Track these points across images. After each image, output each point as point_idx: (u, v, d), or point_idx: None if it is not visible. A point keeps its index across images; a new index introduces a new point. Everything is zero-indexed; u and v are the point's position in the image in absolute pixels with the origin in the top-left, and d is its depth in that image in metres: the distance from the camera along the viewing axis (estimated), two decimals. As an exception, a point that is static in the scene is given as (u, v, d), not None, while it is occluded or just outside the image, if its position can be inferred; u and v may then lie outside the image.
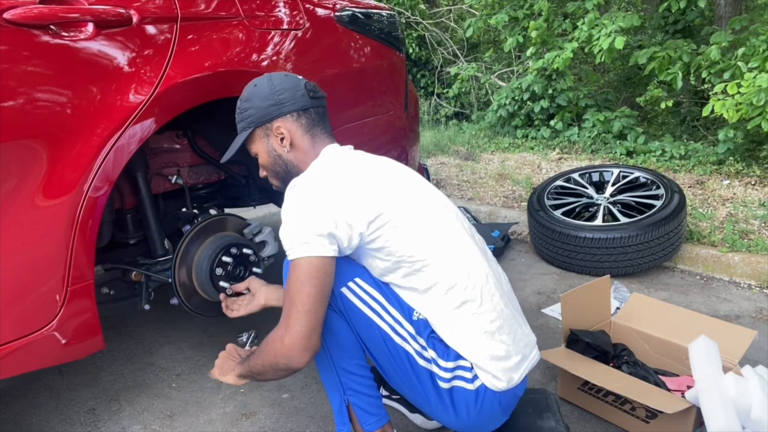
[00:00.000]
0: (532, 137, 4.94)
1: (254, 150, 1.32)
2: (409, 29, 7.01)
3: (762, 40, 3.31)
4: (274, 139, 1.27)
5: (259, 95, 1.26)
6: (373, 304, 1.18)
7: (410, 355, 1.16)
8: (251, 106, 1.27)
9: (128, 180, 1.60)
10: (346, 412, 1.23)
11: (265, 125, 1.27)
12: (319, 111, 1.30)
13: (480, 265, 1.21)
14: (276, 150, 1.28)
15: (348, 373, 1.21)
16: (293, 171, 1.28)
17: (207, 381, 1.78)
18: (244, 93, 1.30)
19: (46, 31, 1.17)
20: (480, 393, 1.16)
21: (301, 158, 1.28)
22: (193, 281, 1.61)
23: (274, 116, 1.26)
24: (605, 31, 4.02)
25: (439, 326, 1.17)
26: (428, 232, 1.17)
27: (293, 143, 1.27)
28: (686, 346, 1.49)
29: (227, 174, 1.94)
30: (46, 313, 1.23)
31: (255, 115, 1.27)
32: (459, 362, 1.16)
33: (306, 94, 1.27)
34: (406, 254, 1.14)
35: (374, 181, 1.18)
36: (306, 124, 1.27)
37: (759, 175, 3.28)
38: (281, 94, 1.26)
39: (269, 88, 1.26)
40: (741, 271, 2.46)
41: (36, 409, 1.66)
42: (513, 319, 1.22)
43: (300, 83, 1.28)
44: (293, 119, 1.27)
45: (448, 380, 1.16)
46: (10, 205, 1.14)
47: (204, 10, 1.46)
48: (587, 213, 2.76)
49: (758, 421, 1.24)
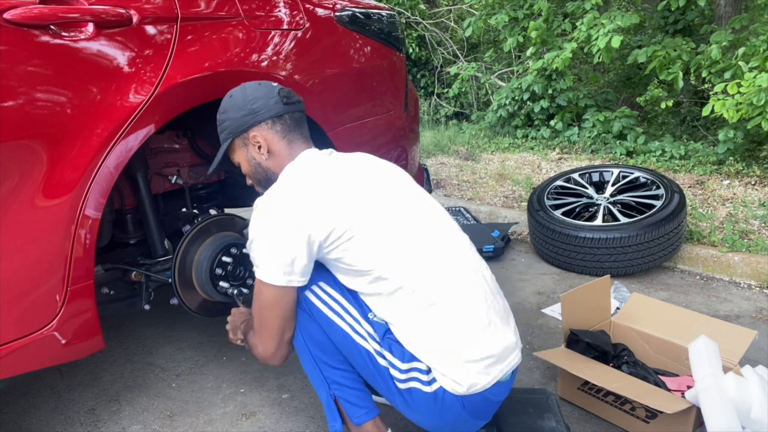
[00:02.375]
0: (532, 137, 4.94)
1: (236, 160, 1.35)
2: (409, 29, 7.01)
3: (762, 39, 3.31)
4: (252, 147, 1.30)
5: (234, 106, 1.29)
6: (334, 305, 1.22)
7: (370, 354, 1.20)
8: (228, 117, 1.30)
9: (128, 180, 1.60)
10: (334, 407, 1.25)
11: (242, 135, 1.30)
12: (294, 116, 1.32)
13: (454, 267, 1.20)
14: (255, 158, 1.31)
15: (330, 367, 1.24)
16: (273, 177, 1.31)
17: (207, 381, 1.78)
18: (221, 105, 1.32)
19: (46, 31, 1.17)
20: (438, 396, 1.15)
21: (279, 164, 1.30)
22: (193, 281, 1.61)
23: (249, 125, 1.28)
24: (603, 30, 4.02)
25: (399, 328, 1.18)
26: (390, 242, 1.16)
27: (270, 150, 1.29)
28: (686, 346, 1.49)
29: (227, 174, 1.94)
30: (46, 313, 1.23)
31: (232, 125, 1.30)
32: (414, 364, 1.17)
33: (279, 101, 1.29)
34: (364, 266, 1.16)
35: (339, 192, 1.19)
36: (281, 131, 1.29)
37: (759, 175, 3.28)
38: (254, 103, 1.28)
39: (242, 98, 1.29)
40: (741, 271, 2.46)
41: (36, 409, 1.65)
42: (488, 322, 1.17)
43: (273, 90, 1.30)
44: (268, 127, 1.28)
45: (403, 381, 1.17)
46: (10, 205, 1.14)
47: (204, 10, 1.46)
48: (587, 213, 2.77)
49: (758, 421, 1.24)
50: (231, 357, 1.91)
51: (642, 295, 1.87)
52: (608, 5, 5.44)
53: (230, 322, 1.44)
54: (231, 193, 2.07)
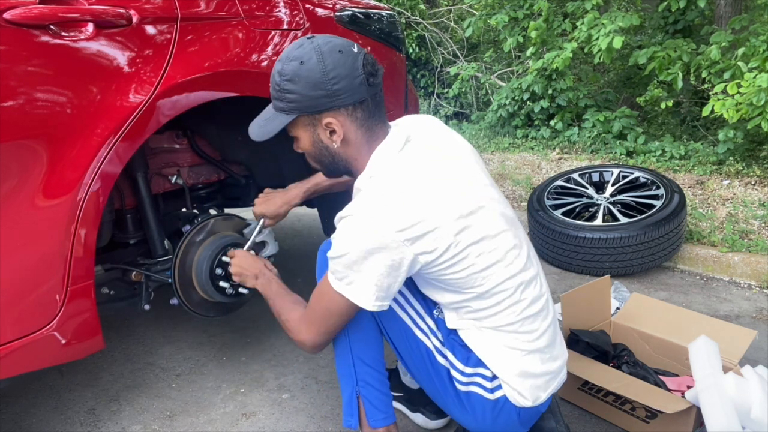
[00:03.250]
0: (532, 137, 4.93)
1: (295, 133, 1.15)
2: (409, 29, 7.01)
3: (762, 40, 3.30)
4: (323, 131, 1.10)
5: (308, 79, 1.04)
6: (398, 296, 1.17)
7: (429, 350, 1.17)
8: (296, 90, 1.06)
9: (128, 180, 1.60)
10: (356, 404, 1.22)
11: (313, 115, 1.09)
12: (376, 99, 1.12)
13: (534, 279, 1.15)
14: (323, 141, 1.12)
15: (365, 364, 1.21)
16: (341, 163, 1.16)
17: (207, 381, 1.78)
18: (286, 68, 1.07)
19: (46, 31, 1.17)
20: (499, 403, 1.14)
21: (354, 154, 1.13)
22: (193, 281, 1.61)
23: (324, 109, 1.07)
24: (604, 30, 4.02)
25: (472, 336, 1.14)
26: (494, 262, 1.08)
27: (345, 139, 1.11)
28: (686, 346, 1.49)
29: (227, 174, 1.94)
30: (46, 313, 1.24)
31: (301, 102, 1.07)
32: (479, 369, 1.14)
33: (365, 81, 1.06)
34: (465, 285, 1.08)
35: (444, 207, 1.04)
36: (362, 117, 1.10)
37: (759, 175, 3.28)
38: (336, 83, 1.04)
39: (321, 72, 1.04)
40: (741, 271, 2.46)
41: (36, 409, 1.65)
42: (554, 337, 1.18)
43: (358, 65, 1.05)
44: (347, 113, 1.08)
45: (464, 384, 1.15)
46: (10, 205, 1.14)
47: (204, 10, 1.46)
48: (587, 213, 2.76)
49: (758, 421, 1.24)
50: (231, 357, 1.91)
51: (642, 295, 1.87)
52: (608, 5, 5.43)
53: (236, 265, 1.41)
54: (231, 193, 2.07)
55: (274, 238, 1.81)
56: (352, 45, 1.09)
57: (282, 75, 1.07)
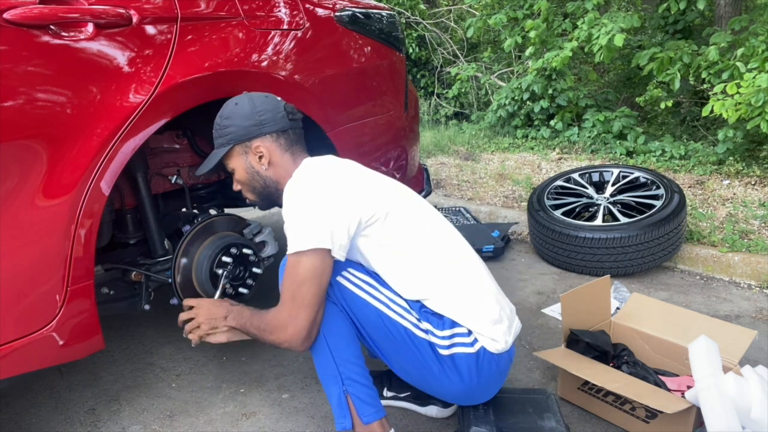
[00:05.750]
0: (532, 137, 4.94)
1: (231, 165, 1.38)
2: (409, 29, 7.01)
3: (761, 40, 3.31)
4: (253, 156, 1.35)
5: (241, 114, 1.32)
6: (366, 287, 1.27)
7: (407, 329, 1.24)
8: (231, 124, 1.33)
9: (128, 180, 1.60)
10: (345, 404, 1.24)
11: (245, 143, 1.34)
12: (296, 132, 1.38)
13: (464, 246, 1.37)
14: (254, 167, 1.36)
15: (346, 362, 1.25)
16: (271, 186, 1.37)
17: (207, 381, 1.78)
18: (223, 110, 1.35)
19: (46, 31, 1.17)
20: (480, 355, 1.25)
21: (281, 174, 1.35)
22: (193, 281, 1.61)
23: (254, 136, 1.33)
24: (605, 29, 4.02)
25: (433, 299, 1.28)
26: (419, 222, 1.31)
27: (272, 161, 1.35)
28: (686, 346, 1.49)
29: (227, 174, 1.94)
30: (46, 313, 1.24)
31: (235, 133, 1.33)
32: (455, 329, 1.26)
33: (285, 116, 1.34)
34: (398, 241, 1.27)
35: (368, 180, 1.32)
36: (285, 144, 1.35)
37: (759, 175, 3.28)
38: (262, 115, 1.32)
39: (250, 108, 1.32)
40: (741, 271, 2.46)
41: (36, 409, 1.65)
42: (496, 290, 1.35)
43: (280, 105, 1.35)
44: (272, 139, 1.34)
45: (447, 347, 1.25)
46: (10, 205, 1.14)
47: (204, 10, 1.46)
48: (587, 213, 2.76)
49: (758, 421, 1.24)
50: (231, 357, 1.91)
51: (642, 295, 1.87)
52: (608, 5, 5.43)
53: (202, 317, 1.34)
54: (231, 193, 2.07)
55: (274, 238, 1.81)
56: (276, 97, 1.39)
57: (221, 116, 1.35)
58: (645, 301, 1.84)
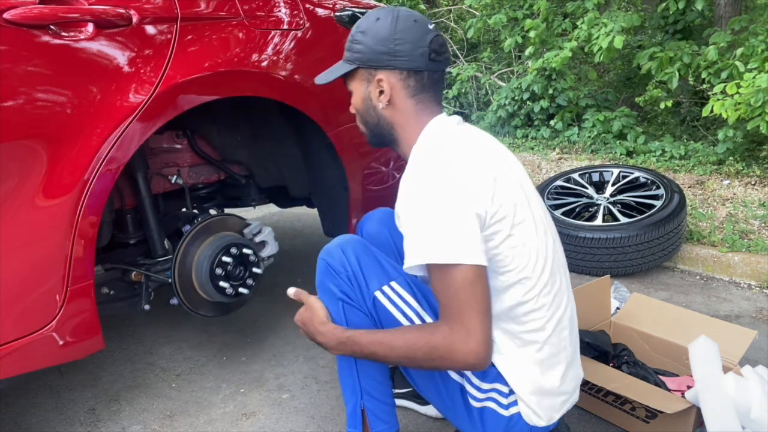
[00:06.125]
0: (532, 137, 4.93)
1: (351, 87, 1.19)
2: (409, 29, 6.99)
3: (761, 40, 3.31)
4: (374, 88, 1.14)
5: (376, 34, 1.10)
6: (407, 309, 1.12)
7: None
8: (363, 41, 1.11)
9: (128, 180, 1.60)
10: (359, 417, 1.20)
11: (370, 70, 1.13)
12: (434, 76, 1.13)
13: (565, 291, 1.11)
14: (372, 100, 1.15)
15: (369, 378, 1.18)
16: (384, 128, 1.17)
17: (207, 381, 1.78)
18: (363, 21, 1.14)
19: (46, 31, 1.17)
20: (513, 421, 1.09)
21: (399, 120, 1.14)
22: (193, 281, 1.61)
23: (381, 65, 1.11)
24: (605, 29, 4.02)
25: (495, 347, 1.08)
26: (536, 243, 1.05)
27: (392, 101, 1.13)
28: (686, 346, 1.49)
29: (227, 174, 1.94)
30: (46, 313, 1.24)
31: (364, 54, 1.12)
32: (496, 385, 1.09)
33: (426, 54, 1.09)
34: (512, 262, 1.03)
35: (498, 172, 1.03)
36: (413, 87, 1.12)
37: (759, 175, 3.28)
38: (399, 44, 1.09)
39: (389, 30, 1.09)
40: (741, 271, 2.46)
41: (36, 409, 1.65)
42: (573, 358, 1.14)
43: (425, 38, 1.09)
44: (400, 77, 1.11)
45: (480, 400, 1.10)
46: (10, 205, 1.14)
47: (204, 10, 1.46)
48: (587, 213, 2.76)
49: (758, 421, 1.24)
50: (231, 357, 1.91)
51: (642, 295, 1.87)
52: (608, 5, 5.43)
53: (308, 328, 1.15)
54: (231, 193, 2.07)
55: (274, 237, 1.82)
56: (430, 23, 1.12)
57: (358, 27, 1.14)
58: (645, 301, 1.84)
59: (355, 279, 1.14)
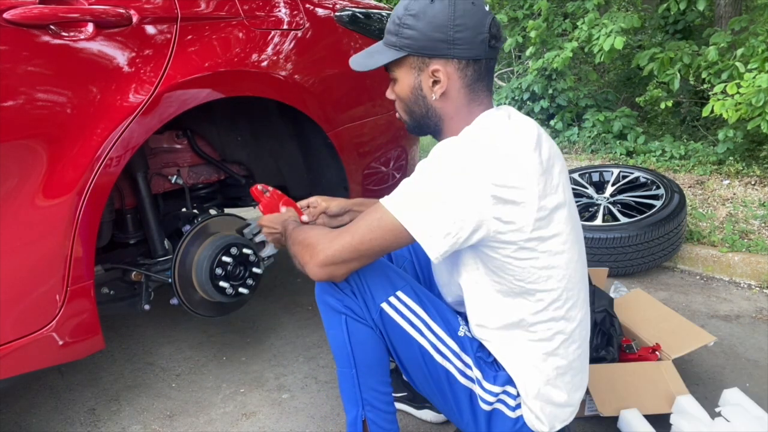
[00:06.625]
0: (532, 137, 4.93)
1: (396, 74, 1.09)
2: (409, 29, 7.00)
3: (761, 40, 3.30)
4: (426, 77, 1.05)
5: (432, 19, 1.00)
6: (415, 320, 1.10)
7: (450, 374, 1.10)
8: (417, 27, 1.01)
9: (128, 180, 1.60)
10: (360, 427, 1.18)
11: (423, 58, 1.03)
12: (490, 64, 1.05)
13: (580, 307, 1.09)
14: (423, 90, 1.06)
15: (371, 389, 1.16)
16: (432, 119, 1.09)
17: (207, 381, 1.78)
18: (414, 4, 1.02)
19: (46, 31, 1.17)
20: (518, 423, 1.10)
21: (449, 112, 1.07)
22: (193, 281, 1.61)
23: (438, 54, 1.02)
24: (605, 30, 4.02)
25: (503, 349, 1.09)
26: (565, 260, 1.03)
27: (447, 93, 1.05)
28: (649, 343, 1.63)
29: (227, 174, 1.94)
30: (46, 313, 1.24)
31: (417, 41, 1.02)
32: (507, 387, 1.09)
33: (486, 41, 1.00)
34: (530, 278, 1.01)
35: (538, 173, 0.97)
36: (471, 77, 1.04)
37: (759, 175, 3.28)
38: (459, 31, 0.99)
39: (448, 16, 0.99)
40: (741, 271, 2.45)
41: (36, 409, 1.66)
42: (585, 371, 1.14)
43: (484, 23, 1.00)
44: (459, 67, 1.02)
45: (490, 403, 1.09)
46: (10, 205, 1.15)
47: (204, 10, 1.46)
48: (587, 213, 2.76)
49: None
50: (231, 357, 1.91)
51: (642, 292, 1.92)
52: (609, 5, 5.43)
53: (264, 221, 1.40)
54: (231, 193, 2.07)
55: (274, 238, 1.81)
56: (486, 4, 1.03)
57: (407, 9, 1.03)
58: (640, 296, 1.90)
59: (359, 291, 1.11)
